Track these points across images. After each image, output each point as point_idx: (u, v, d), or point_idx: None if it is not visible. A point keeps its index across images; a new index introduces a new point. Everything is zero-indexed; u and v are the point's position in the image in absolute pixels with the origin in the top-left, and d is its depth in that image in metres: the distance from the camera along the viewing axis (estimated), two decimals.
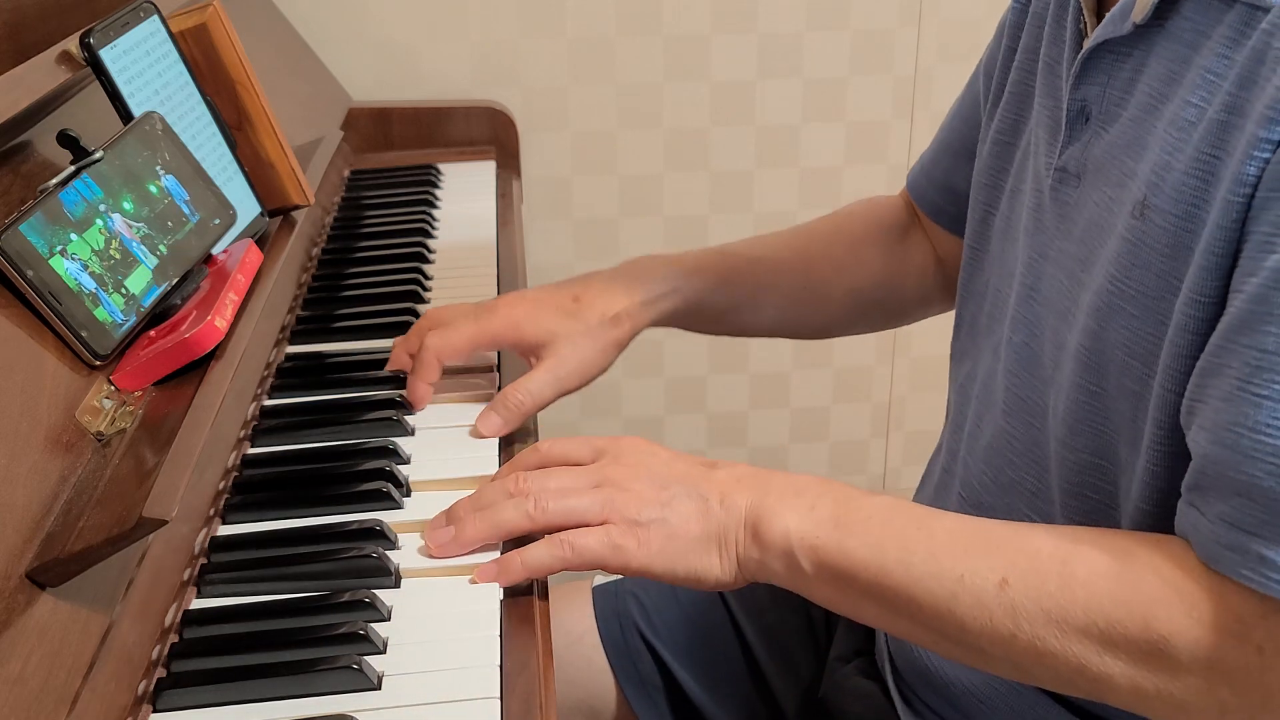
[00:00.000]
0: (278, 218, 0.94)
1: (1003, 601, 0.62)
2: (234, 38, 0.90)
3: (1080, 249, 0.69)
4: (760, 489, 0.69)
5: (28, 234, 0.65)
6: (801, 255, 0.99)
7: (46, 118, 0.77)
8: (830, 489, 0.69)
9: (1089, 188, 0.69)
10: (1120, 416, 0.67)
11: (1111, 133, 0.68)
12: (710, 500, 0.69)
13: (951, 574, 0.63)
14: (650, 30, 1.56)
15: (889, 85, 1.63)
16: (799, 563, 0.67)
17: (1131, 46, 0.67)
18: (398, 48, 1.53)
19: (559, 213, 1.64)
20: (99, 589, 0.60)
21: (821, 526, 0.67)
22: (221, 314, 0.74)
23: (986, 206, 0.84)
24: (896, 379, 1.81)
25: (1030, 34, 0.79)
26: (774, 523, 0.67)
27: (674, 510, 0.68)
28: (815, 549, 0.66)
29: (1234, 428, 0.57)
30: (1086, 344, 0.68)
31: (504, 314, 0.88)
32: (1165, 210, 0.62)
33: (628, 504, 0.68)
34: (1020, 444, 0.75)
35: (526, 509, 0.69)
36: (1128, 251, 0.64)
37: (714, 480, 0.70)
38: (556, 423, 1.73)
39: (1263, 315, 0.56)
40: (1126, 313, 0.65)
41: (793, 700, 0.96)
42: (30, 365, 0.64)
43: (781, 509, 0.67)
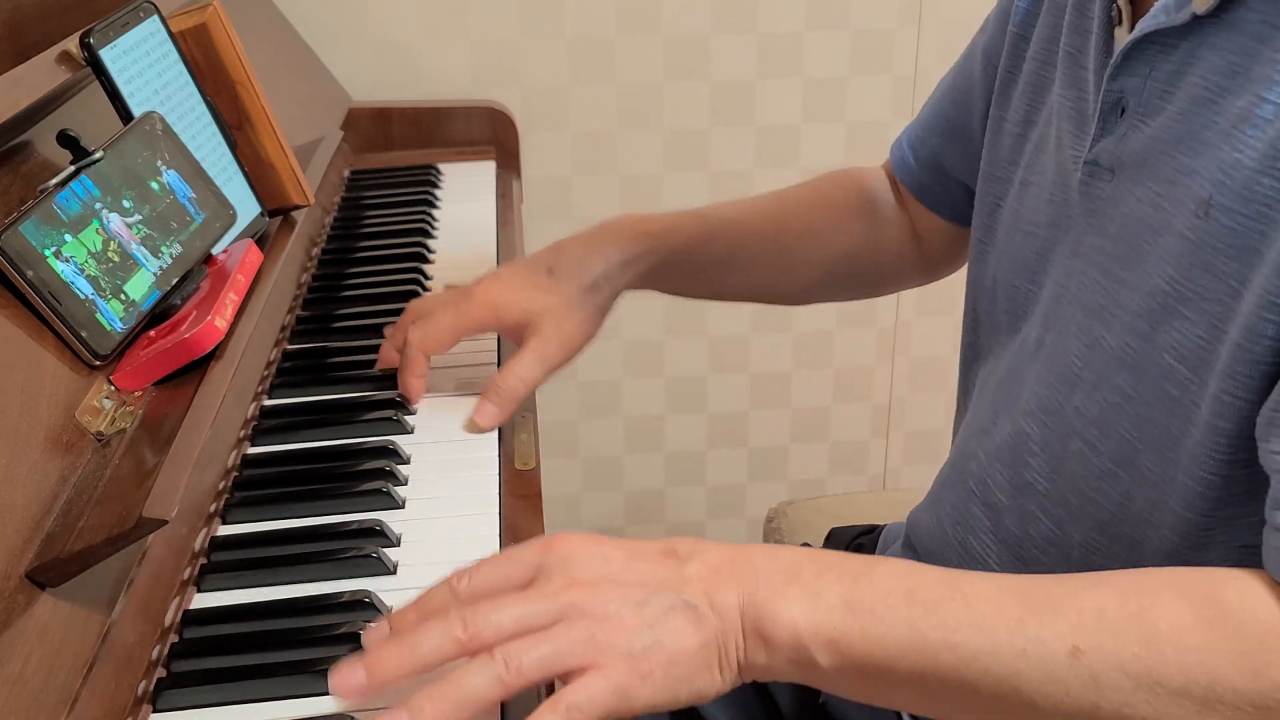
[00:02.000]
0: (278, 218, 0.94)
1: (1079, 673, 0.55)
2: (234, 38, 0.90)
3: (1118, 246, 0.67)
4: (747, 579, 0.59)
5: (28, 234, 0.65)
6: (777, 221, 0.98)
7: (46, 118, 0.77)
8: (827, 563, 0.60)
9: (1127, 182, 0.67)
10: (1150, 422, 0.64)
11: (1154, 126, 0.65)
12: (699, 606, 0.58)
13: (1010, 649, 0.56)
14: (650, 30, 1.56)
15: (889, 85, 1.63)
16: (812, 658, 0.58)
17: (1181, 38, 0.64)
18: (398, 48, 1.53)
19: (559, 213, 1.64)
20: (99, 589, 0.60)
21: (835, 613, 0.58)
22: (221, 314, 0.74)
23: (995, 199, 0.83)
24: (896, 379, 1.81)
25: (1047, 23, 0.77)
26: (779, 619, 0.58)
27: (667, 629, 0.58)
28: (834, 641, 0.58)
29: None
30: (1134, 345, 0.65)
31: (481, 299, 0.87)
32: (1233, 210, 0.59)
33: (614, 637, 0.57)
34: (1036, 444, 0.73)
35: (498, 674, 0.55)
36: (1188, 252, 0.61)
37: (691, 579, 0.59)
38: (557, 423, 1.73)
39: None
40: (1181, 315, 0.62)
41: (793, 704, 0.95)
42: (30, 365, 0.64)
43: (782, 601, 0.58)
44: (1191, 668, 0.54)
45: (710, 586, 0.59)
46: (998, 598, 0.58)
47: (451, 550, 0.73)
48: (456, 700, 0.55)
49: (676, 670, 0.58)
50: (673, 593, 0.59)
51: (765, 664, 0.59)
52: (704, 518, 1.84)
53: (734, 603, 0.59)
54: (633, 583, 0.59)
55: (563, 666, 0.56)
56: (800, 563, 0.60)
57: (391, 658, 0.57)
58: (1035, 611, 0.57)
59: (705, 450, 1.81)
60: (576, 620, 0.57)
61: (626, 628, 0.57)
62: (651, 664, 0.57)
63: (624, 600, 0.58)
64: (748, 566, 0.60)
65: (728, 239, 0.95)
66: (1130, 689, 0.55)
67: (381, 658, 0.57)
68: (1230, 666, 0.54)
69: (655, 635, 0.57)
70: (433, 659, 0.57)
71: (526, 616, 0.57)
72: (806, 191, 1.02)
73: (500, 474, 0.80)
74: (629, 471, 1.80)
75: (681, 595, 0.59)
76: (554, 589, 0.58)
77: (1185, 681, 0.54)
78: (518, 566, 0.60)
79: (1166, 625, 0.55)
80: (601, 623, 0.57)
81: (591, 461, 1.78)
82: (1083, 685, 0.55)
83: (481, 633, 0.57)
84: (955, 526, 0.82)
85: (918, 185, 0.97)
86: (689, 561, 0.60)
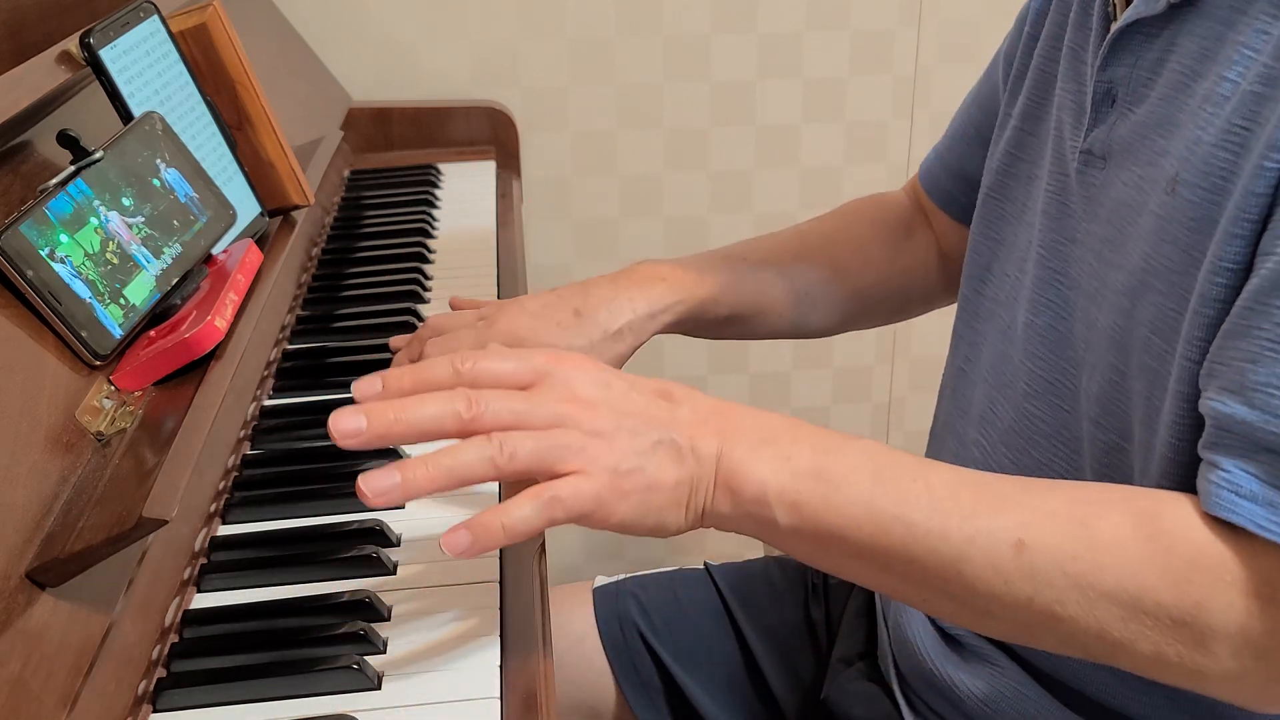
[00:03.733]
0: (278, 218, 0.94)
1: (1020, 565, 0.58)
2: (234, 38, 0.90)
3: (1108, 230, 0.69)
4: (727, 434, 0.62)
5: (28, 234, 0.65)
6: (805, 258, 0.98)
7: (46, 118, 0.77)
8: (803, 433, 0.63)
9: (1116, 168, 0.69)
10: (1137, 395, 0.66)
11: (1139, 113, 0.68)
12: (682, 447, 0.62)
13: (960, 534, 0.59)
14: (650, 30, 1.56)
15: (889, 85, 1.63)
16: (773, 517, 0.61)
17: (1162, 26, 0.67)
18: (398, 48, 1.53)
19: (559, 213, 1.64)
20: (99, 589, 0.60)
21: (801, 480, 0.61)
22: (221, 314, 0.74)
23: (992, 191, 0.84)
24: (896, 379, 1.81)
25: (1055, 21, 0.79)
26: (748, 475, 0.61)
27: (651, 460, 0.61)
28: (796, 504, 0.61)
29: (1265, 387, 0.56)
30: (1119, 323, 0.67)
31: (505, 328, 0.86)
32: (1194, 184, 0.62)
33: (604, 452, 0.60)
34: (1048, 426, 0.75)
35: (492, 455, 0.58)
36: (1159, 228, 0.64)
37: (680, 421, 0.63)
38: None
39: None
40: (1155, 289, 0.64)
41: (794, 702, 0.96)
42: (30, 365, 0.64)
43: (753, 459, 0.62)
44: (1123, 575, 0.57)
45: (695, 433, 0.62)
46: (956, 486, 0.61)
47: None
48: (448, 469, 0.57)
49: (651, 499, 0.61)
50: (662, 429, 0.62)
51: (728, 513, 0.62)
52: None
53: (712, 452, 0.62)
54: (627, 411, 0.62)
55: (552, 465, 0.59)
56: (779, 427, 0.63)
57: (392, 414, 0.58)
58: (990, 503, 0.60)
59: None
60: (572, 429, 0.60)
61: (616, 448, 0.60)
62: (631, 485, 0.60)
63: (617, 425, 0.61)
64: (731, 422, 0.63)
65: (755, 282, 0.95)
66: (1065, 586, 0.58)
67: (384, 412, 0.58)
68: (1157, 579, 0.57)
69: (640, 461, 0.61)
70: (431, 428, 0.58)
71: (526, 413, 0.60)
72: (829, 225, 1.02)
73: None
74: None
75: (669, 433, 0.62)
76: (556, 397, 0.61)
77: (1115, 587, 0.57)
78: (523, 368, 0.63)
79: (1108, 534, 0.58)
80: (594, 437, 0.60)
81: None
82: (1022, 577, 0.58)
83: (482, 415, 0.59)
84: None
85: (946, 197, 0.97)
86: (681, 405, 0.63)
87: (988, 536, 0.59)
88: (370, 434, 0.58)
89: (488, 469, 0.58)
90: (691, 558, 1.77)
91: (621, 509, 0.60)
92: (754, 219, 1.68)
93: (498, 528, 0.58)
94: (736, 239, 1.00)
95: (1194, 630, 0.57)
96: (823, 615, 0.98)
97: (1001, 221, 0.83)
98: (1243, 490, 0.57)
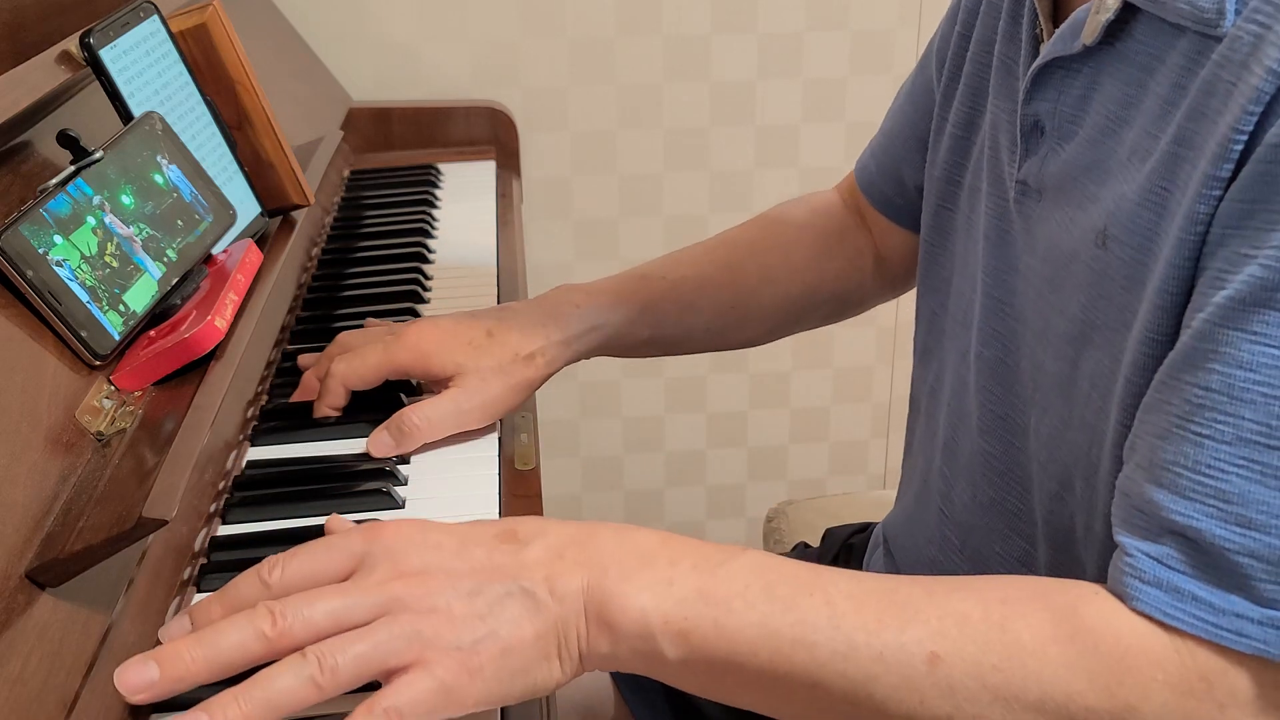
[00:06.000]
0: (278, 218, 0.94)
1: (936, 681, 0.54)
2: (234, 38, 0.90)
3: (1046, 268, 0.67)
4: (593, 564, 0.56)
5: (27, 234, 0.65)
6: (728, 269, 0.95)
7: (46, 118, 0.77)
8: (681, 550, 0.57)
9: (1050, 205, 0.67)
10: (1078, 448, 0.64)
11: (1068, 151, 0.65)
12: (537, 593, 0.55)
13: (867, 652, 0.54)
14: (650, 30, 1.56)
15: (889, 85, 1.63)
16: (660, 649, 0.55)
17: (1082, 64, 0.64)
18: (398, 48, 1.53)
19: (559, 213, 1.64)
20: (99, 589, 0.60)
21: (688, 604, 0.55)
22: (221, 314, 0.74)
23: (941, 201, 0.82)
24: (896, 379, 1.81)
25: (985, 25, 0.76)
26: (626, 605, 0.55)
27: (500, 619, 0.54)
28: (685, 634, 0.55)
29: (1172, 466, 0.53)
30: (1065, 371, 0.65)
31: (412, 344, 0.83)
32: (1122, 241, 0.60)
33: (441, 630, 0.53)
34: (1000, 463, 0.73)
35: (311, 675, 0.51)
36: (1093, 281, 0.62)
37: (530, 564, 0.56)
38: (556, 421, 1.73)
39: (1206, 352, 0.53)
40: (1093, 343, 0.62)
41: None
42: (30, 365, 0.64)
43: (630, 587, 0.55)
44: (1048, 682, 0.53)
45: (552, 572, 0.56)
46: (859, 597, 0.56)
47: None
48: (263, 702, 0.51)
49: (510, 662, 0.54)
50: (509, 580, 0.55)
51: (608, 653, 0.56)
52: (704, 518, 1.84)
53: (577, 588, 0.56)
54: (464, 571, 0.55)
55: (382, 666, 0.53)
56: (653, 548, 0.57)
57: (187, 653, 0.52)
58: (897, 614, 0.55)
59: (705, 450, 1.81)
60: (400, 614, 0.53)
61: (455, 619, 0.54)
62: (482, 658, 0.54)
63: (454, 590, 0.54)
64: (595, 549, 0.57)
65: (678, 301, 0.92)
66: (987, 701, 0.53)
67: (176, 652, 0.52)
68: (1085, 683, 0.53)
69: (488, 626, 0.54)
70: (235, 658, 0.53)
71: (344, 610, 0.53)
72: (754, 232, 0.99)
73: (500, 474, 0.80)
74: (629, 471, 1.80)
75: (518, 582, 0.55)
76: (376, 580, 0.55)
77: (1041, 696, 0.53)
78: (338, 555, 0.57)
79: (1027, 637, 0.54)
80: (427, 616, 0.53)
81: (591, 461, 1.78)
82: (939, 694, 0.54)
83: (292, 628, 0.53)
84: (928, 545, 0.82)
85: (880, 196, 0.94)
86: (529, 544, 0.57)
87: (898, 651, 0.54)
88: (166, 681, 0.52)
89: (308, 691, 0.51)
90: None
91: (476, 688, 0.54)
92: None
93: None
94: None
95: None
96: None
97: (952, 233, 0.81)
98: (1147, 576, 0.54)
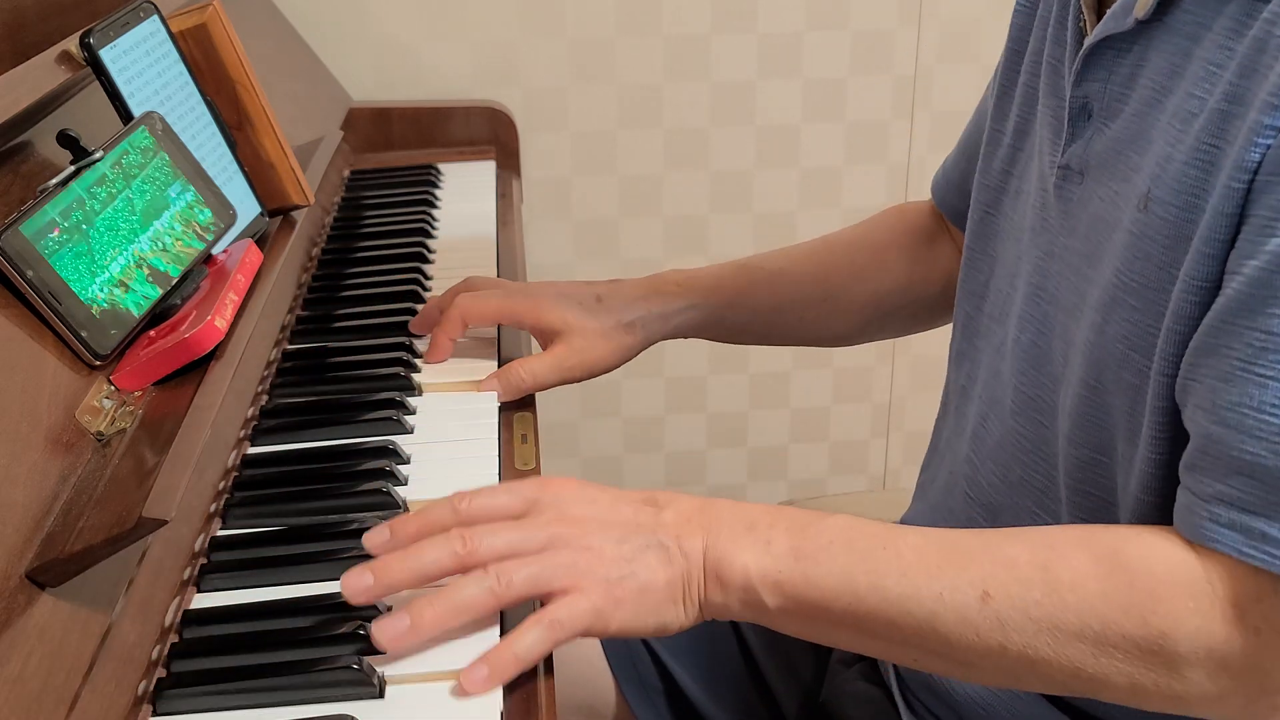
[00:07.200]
0: (278, 218, 0.94)
1: (987, 615, 0.61)
2: (234, 38, 0.90)
3: (1086, 245, 0.70)
4: (711, 528, 0.67)
5: (28, 234, 0.65)
6: (822, 265, 1.01)
7: (46, 118, 0.77)
8: (781, 517, 0.67)
9: (1093, 183, 0.70)
10: (1118, 411, 0.67)
11: (1114, 128, 0.68)
12: (670, 548, 0.66)
13: (929, 593, 0.62)
14: (650, 30, 1.56)
15: (889, 85, 1.63)
16: (761, 599, 0.65)
17: (1132, 42, 0.67)
18: (398, 48, 1.53)
19: (559, 213, 1.64)
20: (99, 589, 0.60)
21: (781, 560, 0.65)
22: (221, 314, 0.74)
23: (987, 208, 0.85)
24: (896, 379, 1.81)
25: (1037, 37, 0.80)
26: (733, 563, 0.65)
27: (640, 564, 0.65)
28: (779, 585, 0.65)
29: (1238, 408, 0.57)
30: (1091, 338, 0.68)
31: (532, 295, 0.92)
32: (1166, 202, 0.62)
33: (593, 564, 0.65)
34: (1029, 443, 0.76)
35: (490, 586, 0.63)
36: (1130, 244, 0.65)
37: (666, 525, 0.67)
38: (556, 422, 1.73)
39: (1265, 298, 0.56)
40: (1128, 305, 0.65)
41: (794, 703, 0.96)
42: (30, 365, 0.64)
43: (736, 548, 0.66)
44: (1086, 614, 0.60)
45: (681, 533, 0.66)
46: (923, 548, 0.64)
47: None
48: (452, 607, 0.63)
49: (646, 600, 0.65)
50: (649, 534, 0.66)
51: (721, 602, 0.66)
52: None
53: (699, 548, 0.66)
54: (615, 523, 0.67)
55: (547, 586, 0.64)
56: (757, 515, 0.67)
57: (395, 565, 0.64)
58: (954, 559, 0.63)
59: (705, 450, 1.81)
60: (562, 549, 0.65)
61: (605, 559, 0.65)
62: (625, 591, 0.64)
63: (605, 536, 0.66)
64: (714, 517, 0.67)
65: (772, 291, 0.99)
66: (1033, 631, 0.61)
67: (387, 565, 0.64)
68: (1120, 613, 0.59)
69: (630, 568, 0.65)
70: (432, 570, 0.64)
71: (519, 541, 0.65)
72: (851, 233, 1.05)
73: (500, 474, 0.80)
74: (629, 471, 1.80)
75: (656, 537, 0.66)
76: (545, 520, 0.66)
77: (1080, 625, 0.60)
78: (515, 499, 0.68)
79: (1067, 576, 0.61)
80: (584, 552, 0.65)
81: (591, 461, 1.78)
82: (991, 626, 0.61)
83: (478, 550, 0.64)
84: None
85: (953, 210, 0.98)
86: (665, 509, 0.68)
87: (954, 592, 0.62)
88: (378, 586, 0.64)
89: (488, 599, 0.63)
90: None
91: (619, 615, 0.65)
92: (754, 219, 1.68)
93: (510, 658, 0.63)
94: (736, 239, 1.01)
95: (1164, 658, 0.59)
96: None
97: (995, 238, 0.84)
98: (1216, 515, 0.58)
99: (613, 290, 0.94)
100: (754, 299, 0.98)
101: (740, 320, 0.98)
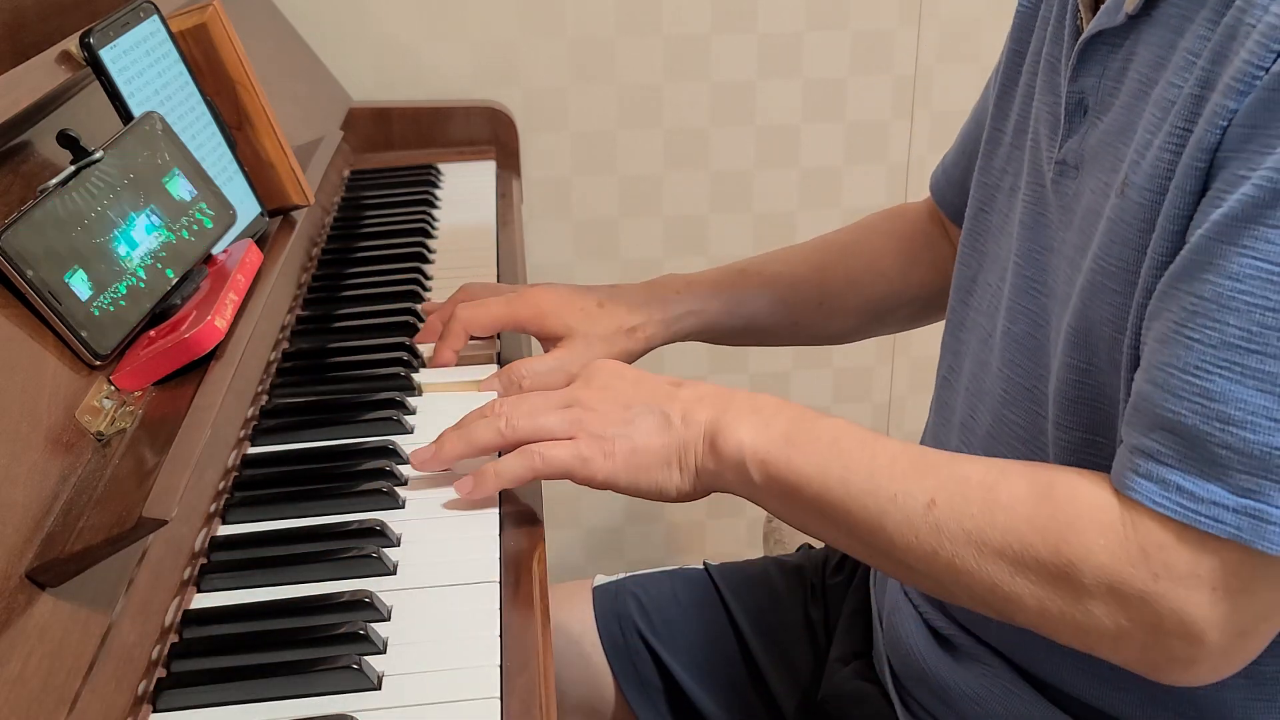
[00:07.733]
0: (278, 218, 0.94)
1: (928, 521, 0.66)
2: (234, 38, 0.90)
3: (1080, 238, 0.71)
4: (721, 406, 0.73)
5: (28, 234, 0.65)
6: (820, 269, 1.02)
7: (46, 118, 0.77)
8: (788, 408, 0.73)
9: (1087, 176, 0.71)
10: (1115, 390, 0.68)
11: (1105, 121, 0.70)
12: (672, 416, 0.73)
13: (885, 493, 0.67)
14: (650, 30, 1.56)
15: (889, 85, 1.63)
16: (750, 474, 0.71)
17: (1123, 36, 0.69)
18: (398, 48, 1.53)
19: (559, 213, 1.64)
20: (99, 589, 0.60)
21: (774, 442, 0.71)
22: (221, 314, 0.74)
23: (982, 205, 0.85)
24: (896, 379, 1.81)
25: (1038, 37, 0.81)
26: (730, 436, 0.72)
27: (637, 426, 0.73)
28: (765, 462, 0.71)
29: (1166, 367, 0.60)
30: (1073, 322, 0.69)
31: (533, 301, 0.93)
32: (1141, 186, 0.64)
33: (593, 421, 0.73)
34: (1023, 431, 0.77)
35: (498, 426, 0.75)
36: (1108, 229, 0.67)
37: (677, 398, 0.74)
38: None
39: (1202, 264, 0.59)
40: (1109, 289, 0.66)
41: (791, 702, 0.96)
42: (30, 365, 0.64)
43: (738, 424, 0.72)
44: (1009, 533, 0.64)
45: (690, 407, 0.74)
46: (898, 455, 0.69)
47: (452, 550, 0.73)
48: (467, 440, 0.77)
49: (637, 459, 0.73)
50: (655, 404, 0.74)
51: (715, 470, 0.73)
52: (704, 517, 1.84)
53: (704, 419, 0.73)
54: (629, 393, 0.75)
55: (547, 434, 0.74)
56: (769, 404, 0.74)
57: (453, 440, 0.77)
58: (918, 469, 0.68)
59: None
60: (573, 408, 0.75)
61: (605, 418, 0.74)
62: (615, 448, 0.73)
63: (614, 402, 0.75)
64: (729, 399, 0.74)
65: (771, 295, 1.00)
66: (963, 542, 0.65)
67: (446, 438, 0.77)
68: (1039, 538, 0.63)
69: (627, 430, 0.74)
70: (482, 443, 0.77)
71: (543, 402, 0.76)
72: (846, 236, 1.06)
73: None
74: None
75: (661, 406, 0.74)
76: (572, 388, 0.77)
77: (1003, 544, 0.64)
78: (560, 376, 0.85)
79: (1006, 497, 0.65)
80: (589, 412, 0.75)
81: None
82: (928, 531, 0.66)
83: (517, 425, 0.75)
84: None
85: (950, 207, 0.98)
86: (684, 388, 0.76)
87: (907, 496, 0.67)
88: (437, 460, 0.78)
89: (495, 438, 0.76)
90: (691, 557, 1.77)
91: (607, 467, 0.73)
92: (754, 219, 1.68)
93: (491, 473, 0.75)
94: (736, 239, 1.01)
95: (1070, 586, 0.62)
96: (821, 615, 0.98)
97: (986, 235, 0.84)
98: (1136, 465, 0.61)
99: (613, 297, 0.95)
100: (753, 303, 0.99)
101: (740, 324, 0.99)
